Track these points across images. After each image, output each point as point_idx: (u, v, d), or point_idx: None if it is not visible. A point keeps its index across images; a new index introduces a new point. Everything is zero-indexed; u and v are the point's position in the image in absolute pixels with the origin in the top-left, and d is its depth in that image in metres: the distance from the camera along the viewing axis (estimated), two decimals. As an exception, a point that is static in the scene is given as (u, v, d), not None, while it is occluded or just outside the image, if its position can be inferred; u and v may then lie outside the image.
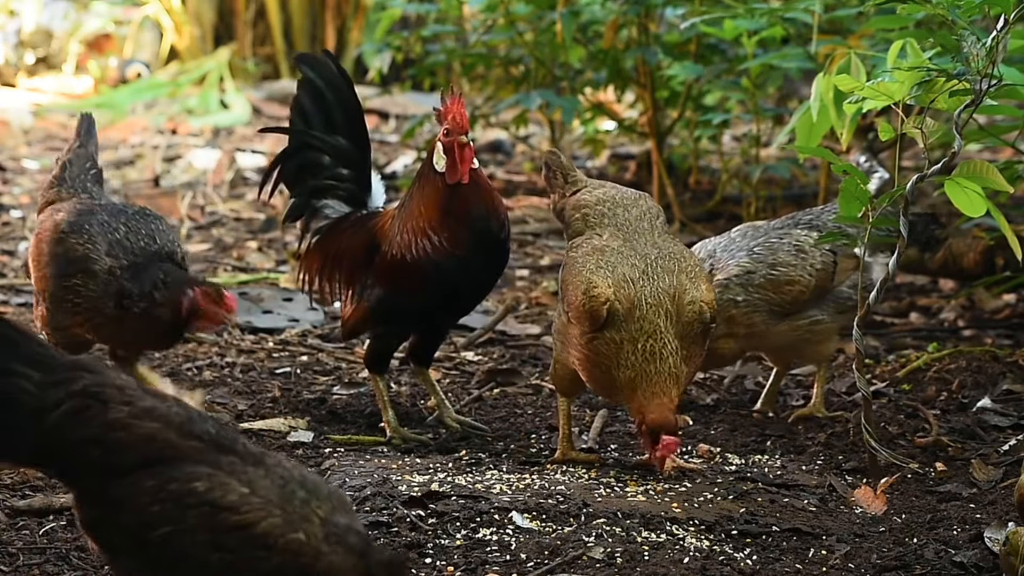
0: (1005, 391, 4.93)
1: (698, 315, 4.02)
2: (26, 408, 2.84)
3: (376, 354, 4.63)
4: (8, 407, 2.84)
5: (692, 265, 4.11)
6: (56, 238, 4.45)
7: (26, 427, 2.84)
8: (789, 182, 7.61)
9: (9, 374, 2.84)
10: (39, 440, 2.85)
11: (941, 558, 3.69)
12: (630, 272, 4.03)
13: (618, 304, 3.98)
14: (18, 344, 2.89)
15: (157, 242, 4.42)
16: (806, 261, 4.64)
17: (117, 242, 4.40)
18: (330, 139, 4.72)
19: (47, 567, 3.51)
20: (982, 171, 4.02)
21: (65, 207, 4.56)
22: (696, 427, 4.68)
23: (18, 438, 2.85)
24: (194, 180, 8.74)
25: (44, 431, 2.84)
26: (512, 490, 4.01)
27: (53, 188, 4.70)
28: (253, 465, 2.87)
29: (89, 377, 2.88)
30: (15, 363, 2.85)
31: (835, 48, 5.11)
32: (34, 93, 11.98)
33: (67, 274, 4.40)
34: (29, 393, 2.84)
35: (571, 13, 7.20)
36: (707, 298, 4.05)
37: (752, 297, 4.59)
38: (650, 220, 4.24)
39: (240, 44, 12.18)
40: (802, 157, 6.07)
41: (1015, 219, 5.63)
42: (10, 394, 2.84)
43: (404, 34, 8.38)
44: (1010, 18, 4.00)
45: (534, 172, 8.82)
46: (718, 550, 3.73)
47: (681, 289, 4.02)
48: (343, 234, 4.68)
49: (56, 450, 2.86)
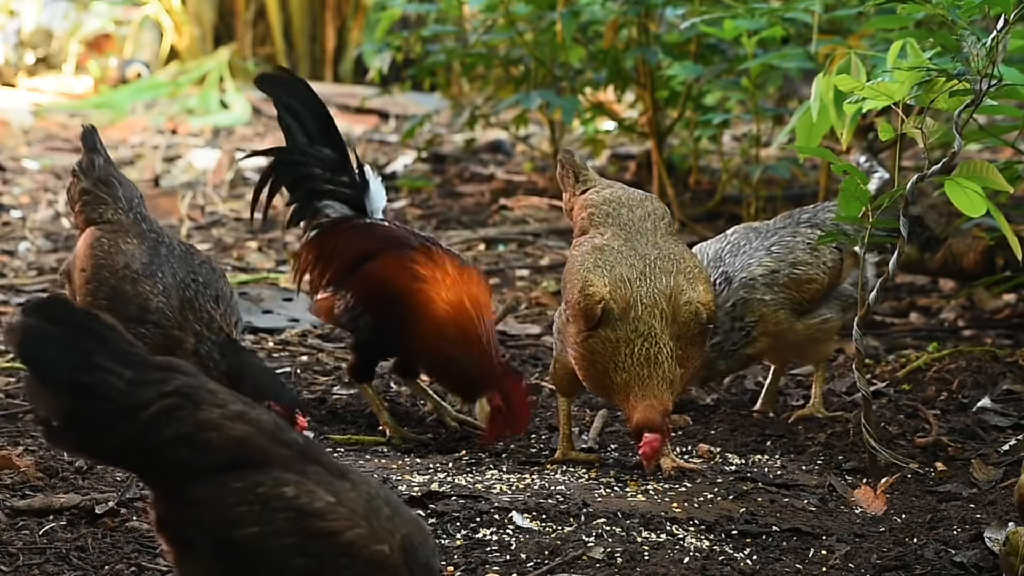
0: (1005, 391, 4.93)
1: (694, 316, 4.02)
2: (116, 404, 2.81)
3: (359, 367, 4.67)
4: (98, 403, 2.81)
5: (691, 266, 4.11)
6: (126, 275, 4.35)
7: (116, 424, 2.81)
8: (789, 182, 7.61)
9: (99, 370, 2.81)
10: (127, 437, 2.82)
11: (941, 558, 3.69)
12: (628, 272, 4.04)
13: (613, 304, 3.99)
14: (108, 341, 2.85)
15: (219, 307, 4.34)
16: (819, 259, 4.65)
17: (188, 301, 4.32)
18: (312, 150, 4.80)
19: (47, 567, 3.51)
20: (982, 171, 4.02)
21: (135, 241, 4.43)
22: (696, 427, 4.68)
23: (105, 433, 2.82)
24: (194, 180, 8.73)
25: (134, 428, 2.81)
26: (512, 490, 4.01)
27: (106, 205, 4.53)
28: (339, 478, 2.88)
29: (182, 378, 2.86)
30: (106, 359, 2.82)
31: (835, 48, 5.10)
32: (34, 93, 11.97)
33: (134, 317, 4.29)
34: (120, 391, 2.81)
35: (571, 13, 7.20)
36: (704, 299, 4.05)
37: (778, 296, 4.59)
38: (654, 221, 4.24)
39: (240, 44, 12.18)
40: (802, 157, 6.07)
41: (1015, 219, 5.62)
42: (100, 390, 2.81)
43: (404, 34, 8.38)
44: (1010, 18, 4.00)
45: (534, 172, 8.82)
46: (718, 550, 3.73)
47: (678, 290, 4.02)
48: (343, 234, 4.72)
49: (143, 447, 2.83)
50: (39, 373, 2.83)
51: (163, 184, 8.55)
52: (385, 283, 4.54)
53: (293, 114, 4.82)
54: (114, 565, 3.52)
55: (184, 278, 4.36)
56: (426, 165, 9.07)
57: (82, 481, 4.06)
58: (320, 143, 4.81)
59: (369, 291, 4.59)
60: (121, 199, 4.57)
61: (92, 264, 4.43)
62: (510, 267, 6.82)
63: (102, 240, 4.46)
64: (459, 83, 9.36)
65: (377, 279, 4.57)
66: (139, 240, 4.45)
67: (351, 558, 2.83)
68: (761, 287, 4.60)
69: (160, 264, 4.38)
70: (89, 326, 2.86)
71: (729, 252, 4.67)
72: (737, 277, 4.60)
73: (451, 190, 8.49)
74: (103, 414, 2.81)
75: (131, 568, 3.52)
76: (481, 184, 8.62)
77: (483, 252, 7.14)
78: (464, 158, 9.20)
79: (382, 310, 4.55)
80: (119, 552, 3.60)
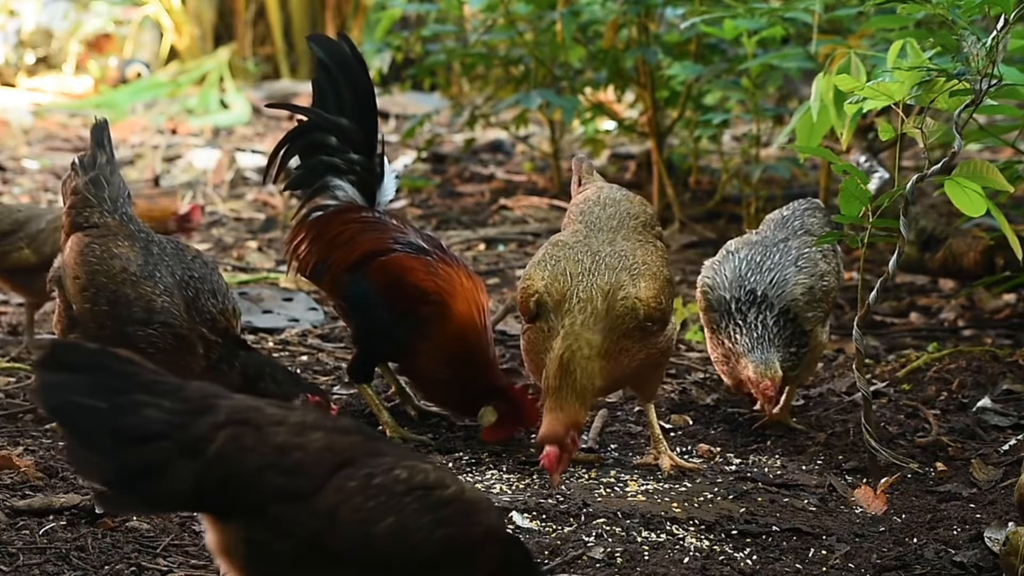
0: (1005, 391, 4.93)
1: (630, 310, 4.04)
2: (173, 441, 2.63)
3: (358, 368, 4.67)
4: (152, 444, 2.61)
5: (639, 263, 4.13)
6: (126, 279, 4.28)
7: (178, 465, 2.62)
8: (789, 182, 7.62)
9: (142, 406, 2.62)
10: (198, 477, 2.65)
11: (941, 558, 3.69)
12: (573, 267, 4.10)
13: (547, 297, 4.07)
14: (134, 374, 2.68)
15: (219, 300, 4.30)
16: (831, 266, 4.62)
17: (191, 300, 4.27)
18: (337, 120, 4.72)
19: (47, 567, 3.51)
20: (982, 171, 4.02)
21: (126, 244, 4.36)
22: (696, 427, 4.68)
23: (171, 477, 2.62)
24: (194, 180, 8.73)
25: (202, 466, 2.64)
26: (512, 490, 4.01)
27: (93, 208, 4.46)
28: (399, 447, 2.89)
29: (225, 402, 2.72)
30: (142, 394, 2.65)
31: (835, 48, 5.10)
32: (34, 93, 11.97)
33: (140, 320, 4.24)
34: (170, 424, 2.64)
35: (571, 13, 7.20)
36: (643, 295, 4.07)
37: (816, 312, 4.54)
38: (622, 219, 4.30)
39: (240, 44, 12.18)
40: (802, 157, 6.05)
41: (1015, 219, 5.63)
42: (151, 428, 2.62)
43: (404, 34, 8.38)
44: (1010, 18, 4.00)
45: (534, 172, 8.82)
46: (718, 550, 3.73)
47: (618, 285, 4.06)
48: (351, 225, 4.67)
49: (220, 484, 2.66)
50: (77, 428, 2.63)
51: (163, 184, 8.55)
52: (405, 284, 4.50)
53: (331, 80, 4.73)
54: (114, 565, 3.52)
55: (182, 276, 4.32)
56: (426, 165, 9.07)
57: (82, 481, 4.05)
58: (350, 116, 4.72)
59: (389, 286, 4.54)
60: (107, 200, 4.48)
61: (86, 271, 4.33)
62: (510, 267, 6.82)
63: (92, 246, 4.37)
64: (459, 83, 9.36)
65: (398, 278, 4.53)
66: (130, 242, 4.38)
67: (477, 515, 2.84)
68: (803, 305, 4.49)
69: (156, 264, 4.33)
70: (109, 364, 2.69)
71: (754, 271, 4.54)
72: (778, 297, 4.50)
73: (451, 190, 8.49)
74: (161, 455, 2.63)
75: (131, 568, 3.52)
76: (481, 184, 8.62)
77: (483, 252, 7.15)
78: (464, 158, 9.20)
79: (397, 309, 4.52)
80: (119, 552, 3.60)
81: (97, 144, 4.55)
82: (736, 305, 4.45)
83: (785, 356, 4.41)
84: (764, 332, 4.41)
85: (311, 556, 2.73)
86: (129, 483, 2.63)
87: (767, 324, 4.42)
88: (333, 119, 4.73)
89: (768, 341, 4.40)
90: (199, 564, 3.56)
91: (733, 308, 4.45)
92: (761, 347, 4.40)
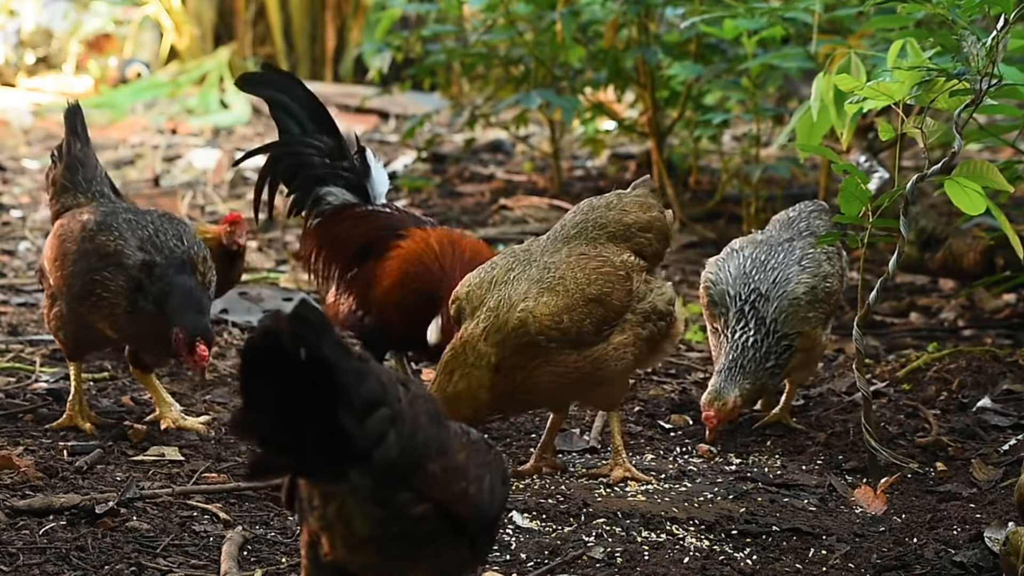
0: (1005, 391, 4.92)
1: (519, 324, 3.95)
2: (389, 408, 2.57)
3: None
4: (376, 410, 2.55)
5: (554, 278, 4.02)
6: (85, 235, 4.38)
7: (390, 432, 2.57)
8: (789, 182, 7.61)
9: (367, 374, 2.54)
10: (401, 448, 2.60)
11: (941, 558, 3.69)
12: (500, 276, 4.07)
13: (466, 303, 4.06)
14: (349, 348, 2.55)
15: (184, 243, 4.38)
16: (835, 268, 4.62)
17: (147, 239, 4.36)
18: (306, 138, 4.95)
19: (47, 567, 3.51)
20: (982, 171, 4.02)
21: (88, 210, 4.49)
22: (696, 427, 4.68)
23: (391, 446, 2.56)
24: (194, 180, 8.74)
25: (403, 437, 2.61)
26: (512, 490, 4.01)
27: (68, 193, 4.60)
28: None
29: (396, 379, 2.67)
30: (359, 361, 2.54)
31: (835, 48, 5.11)
32: (34, 93, 11.98)
33: (96, 268, 4.33)
34: (384, 393, 2.57)
35: (571, 13, 7.20)
36: (537, 311, 3.96)
37: (818, 313, 4.53)
38: (583, 228, 4.17)
39: (240, 44, 12.18)
40: (803, 156, 6.06)
41: (1015, 219, 5.63)
42: (375, 395, 2.54)
43: (404, 34, 8.39)
44: (1010, 18, 4.00)
45: (534, 172, 8.82)
46: (718, 550, 3.73)
47: (520, 297, 3.99)
48: (344, 222, 4.87)
49: (406, 451, 2.62)
50: (340, 386, 2.48)
51: (163, 184, 8.55)
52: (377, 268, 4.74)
53: (282, 107, 4.96)
54: (114, 565, 3.52)
55: (140, 220, 4.40)
56: (426, 165, 9.07)
57: (82, 481, 4.06)
58: (314, 131, 4.95)
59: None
60: (81, 182, 4.61)
61: (55, 244, 4.45)
62: (510, 267, 6.81)
63: (61, 222, 4.51)
64: (459, 83, 9.36)
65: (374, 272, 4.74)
66: (95, 207, 4.51)
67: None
68: (805, 304, 4.49)
69: (115, 216, 4.41)
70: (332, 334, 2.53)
71: (759, 269, 4.54)
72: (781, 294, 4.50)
73: (451, 190, 8.49)
74: (383, 425, 2.57)
75: (131, 568, 3.52)
76: (481, 184, 8.62)
77: (483, 252, 7.15)
78: (464, 158, 9.20)
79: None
80: (119, 552, 3.60)
81: (71, 131, 4.66)
82: (737, 305, 4.45)
83: (758, 375, 4.39)
84: (743, 353, 4.39)
85: (436, 520, 2.71)
86: (357, 453, 2.54)
87: (747, 343, 4.40)
88: (300, 139, 4.95)
89: (740, 368, 4.38)
90: (199, 564, 3.56)
91: (733, 309, 4.45)
92: (728, 373, 4.37)
